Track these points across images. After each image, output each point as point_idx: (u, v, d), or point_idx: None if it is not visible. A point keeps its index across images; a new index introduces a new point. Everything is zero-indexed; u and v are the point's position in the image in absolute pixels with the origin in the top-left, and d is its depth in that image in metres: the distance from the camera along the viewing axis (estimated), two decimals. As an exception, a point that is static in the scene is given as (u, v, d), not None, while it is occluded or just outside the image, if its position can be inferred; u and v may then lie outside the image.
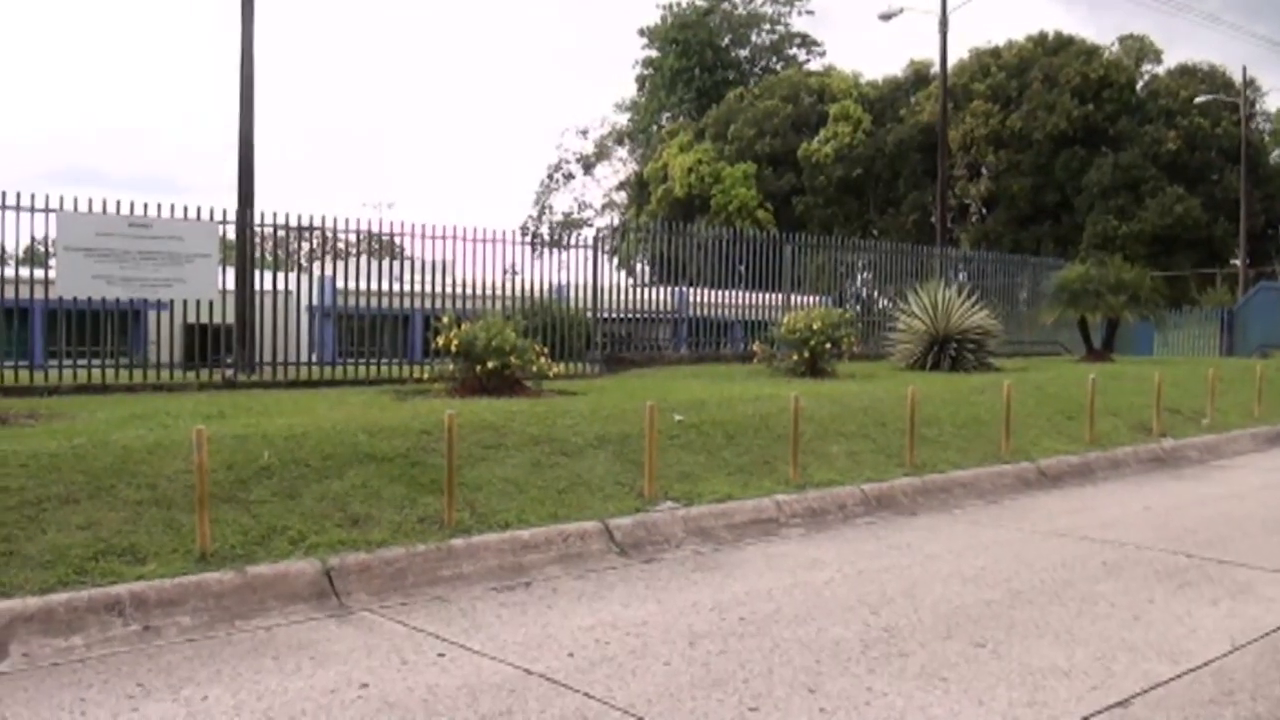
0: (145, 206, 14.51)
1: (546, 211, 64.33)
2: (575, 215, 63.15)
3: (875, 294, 25.75)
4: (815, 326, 16.27)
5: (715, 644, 5.55)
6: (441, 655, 5.38)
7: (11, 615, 5.49)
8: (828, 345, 16.31)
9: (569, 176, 64.22)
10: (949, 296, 19.09)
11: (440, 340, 12.70)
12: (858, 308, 23.93)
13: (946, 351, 18.37)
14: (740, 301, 21.79)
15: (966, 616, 6.07)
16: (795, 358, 16.43)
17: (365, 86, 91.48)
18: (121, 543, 6.36)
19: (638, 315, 20.66)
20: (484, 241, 17.50)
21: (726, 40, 58.43)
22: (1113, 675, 5.11)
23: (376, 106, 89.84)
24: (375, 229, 17.45)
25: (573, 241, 19.77)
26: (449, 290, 17.18)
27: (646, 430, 8.55)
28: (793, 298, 21.45)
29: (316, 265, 18.70)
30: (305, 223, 16.29)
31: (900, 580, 6.92)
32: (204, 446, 6.45)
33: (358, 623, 5.94)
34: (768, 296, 21.73)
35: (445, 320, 12.85)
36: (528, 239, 20.02)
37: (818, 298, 21.91)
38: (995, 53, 47.16)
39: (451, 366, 12.95)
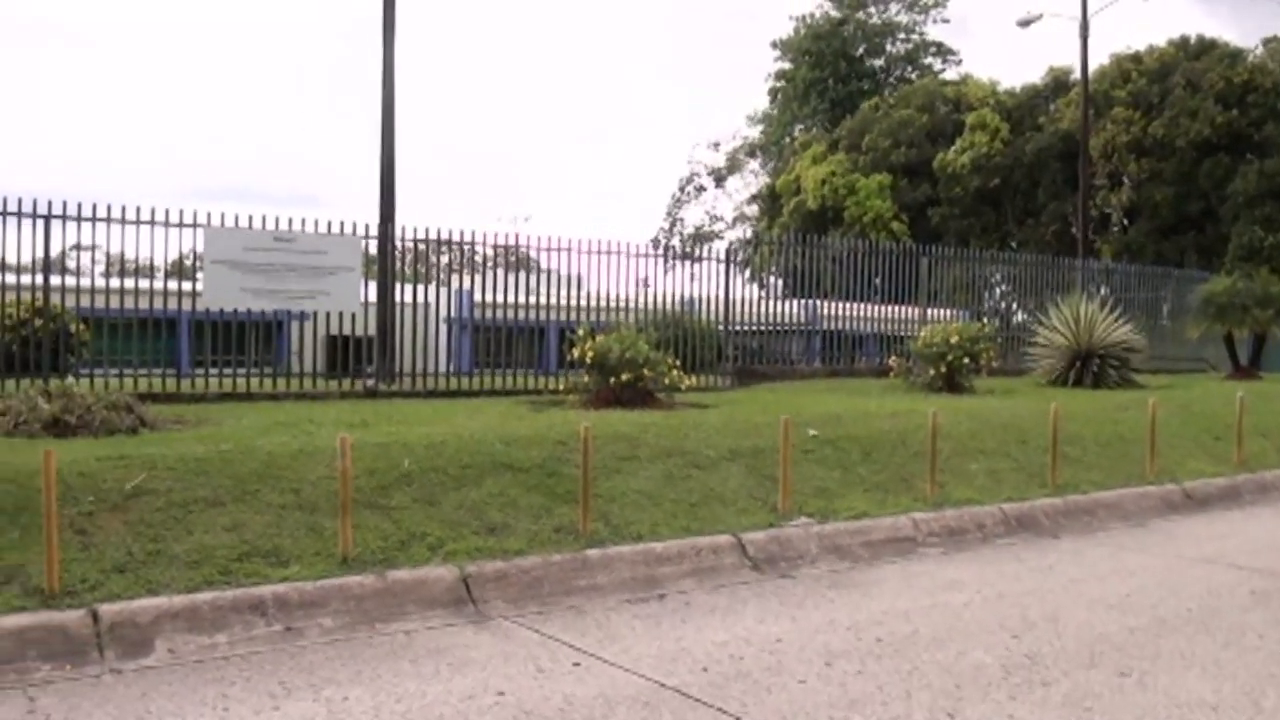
0: (290, 221, 14.92)
1: (678, 224, 64.39)
2: (706, 228, 63.08)
3: (1014, 307, 25.19)
4: (953, 340, 15.99)
5: (852, 664, 5.47)
6: (577, 665, 5.41)
7: (158, 612, 5.69)
8: (966, 360, 16.02)
9: (700, 189, 64.19)
10: (1091, 310, 18.59)
11: (575, 352, 12.80)
12: (996, 322, 23.45)
13: (1089, 367, 17.88)
14: (875, 314, 21.51)
15: (1110, 644, 5.89)
16: (932, 372, 16.16)
17: (501, 101, 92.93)
18: (266, 545, 6.54)
19: (769, 328, 20.55)
20: (616, 254, 17.58)
21: (860, 50, 57.81)
22: (1261, 712, 4.90)
23: (511, 121, 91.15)
24: (510, 242, 17.67)
25: (704, 254, 19.74)
26: (582, 303, 17.31)
27: (781, 444, 8.49)
28: (929, 311, 21.12)
29: (454, 278, 19.00)
30: (443, 236, 16.57)
31: (1042, 604, 6.74)
32: (348, 453, 6.60)
33: (494, 630, 6.00)
34: (903, 310, 21.41)
35: (580, 332, 12.95)
36: (659, 252, 20.05)
37: (954, 311, 21.53)
38: (1136, 58, 45.81)
39: (586, 378, 13.03)
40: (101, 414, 9.43)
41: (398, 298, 16.19)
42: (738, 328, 19.22)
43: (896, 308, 21.50)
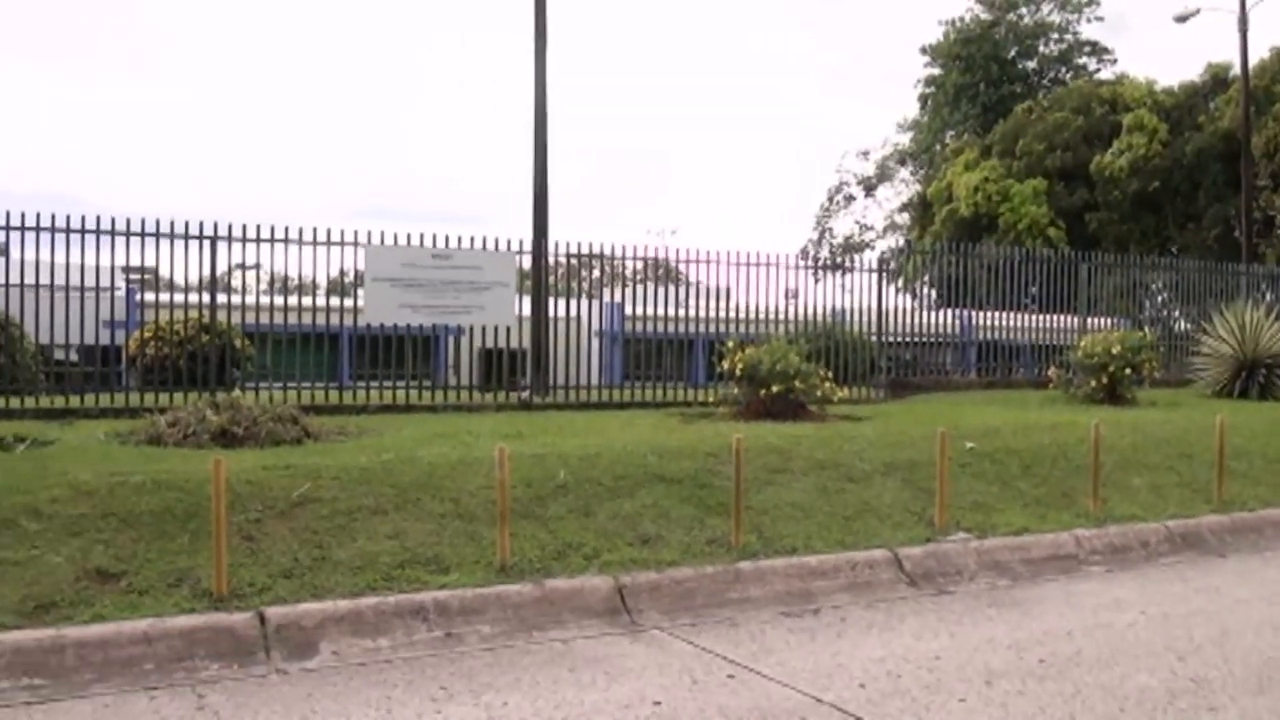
0: (446, 239, 15.28)
1: (827, 234, 63.78)
2: (856, 238, 62.38)
3: (1175, 315, 24.31)
4: (1114, 350, 15.50)
5: (1013, 684, 5.34)
6: (731, 677, 5.40)
7: (323, 616, 5.88)
8: (1127, 370, 15.52)
9: (850, 199, 63.44)
10: (1256, 318, 17.84)
11: (725, 364, 12.80)
12: (1157, 330, 22.68)
13: (1255, 378, 17.17)
14: (1031, 324, 21.01)
15: (1281, 669, 5.64)
16: (1093, 383, 15.69)
17: (647, 113, 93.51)
18: (426, 552, 6.70)
19: (922, 339, 20.23)
20: (763, 266, 17.52)
21: (1012, 53, 56.50)
22: None
23: (659, 133, 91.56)
24: (658, 256, 17.77)
25: (855, 264, 19.55)
26: (730, 315, 17.30)
27: (937, 457, 8.35)
28: (1088, 320, 20.53)
29: (604, 292, 19.19)
30: (594, 251, 16.75)
31: (1209, 626, 6.49)
32: (506, 464, 6.71)
33: (649, 640, 6.03)
34: (1061, 319, 20.87)
35: (730, 344, 12.95)
36: (808, 262, 19.91)
37: (1114, 320, 20.89)
38: (1298, 51, 43.81)
39: (736, 390, 13.01)
40: (267, 425, 9.76)
41: (550, 311, 16.42)
42: (890, 339, 18.97)
43: (1054, 317, 20.96)
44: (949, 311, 21.09)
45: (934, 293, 24.46)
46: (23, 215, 13.64)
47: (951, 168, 50.10)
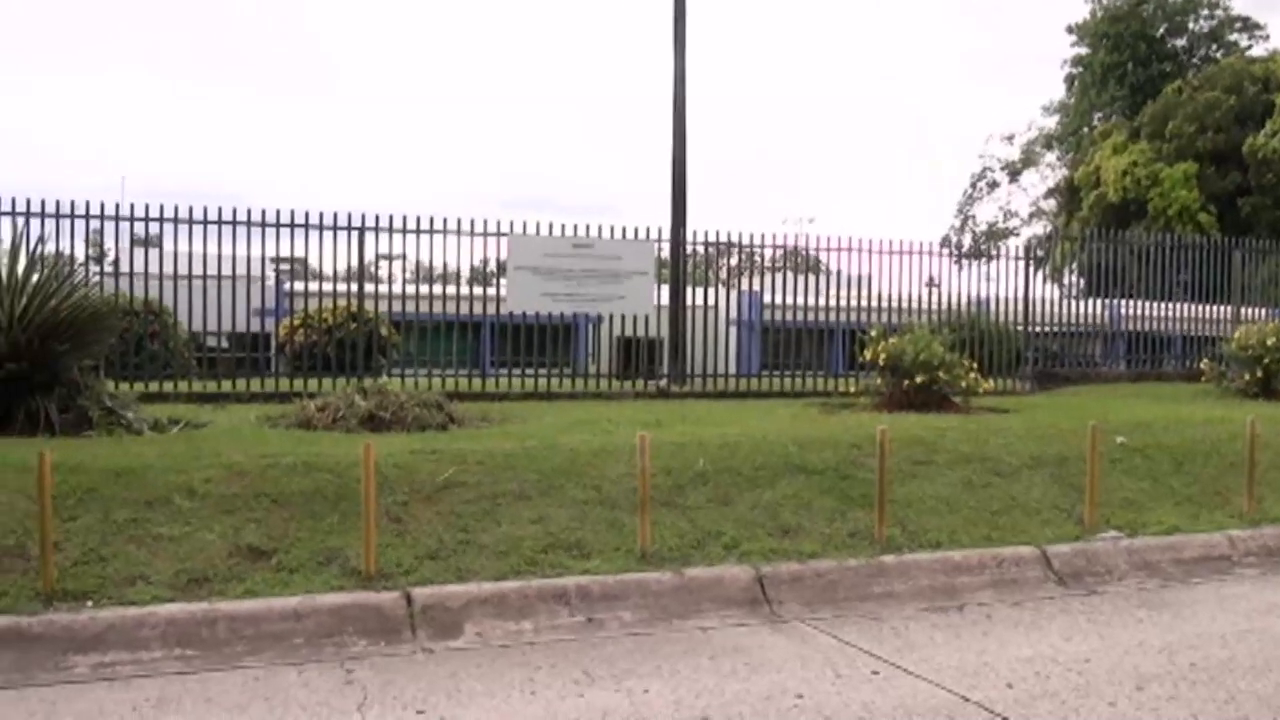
0: (587, 228, 15.42)
1: (969, 222, 62.45)
2: (1000, 225, 60.96)
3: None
4: (1269, 342, 14.84)
5: (1164, 689, 5.16)
6: (875, 673, 5.32)
7: (468, 598, 5.98)
8: (1286, 363, 14.86)
9: (993, 185, 61.91)
10: None
11: (867, 354, 12.63)
12: (1318, 322, 21.67)
13: None
14: (1183, 314, 20.28)
15: None
16: (1247, 377, 15.07)
17: (784, 99, 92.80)
18: (568, 538, 6.75)
19: (1070, 329, 19.67)
20: (904, 254, 17.24)
21: (1161, 30, 54.47)
22: None
23: (795, 119, 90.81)
24: (796, 244, 17.64)
25: (999, 252, 19.12)
26: (869, 304, 17.09)
27: (1087, 452, 8.10)
28: (1242, 310, 19.75)
29: (741, 280, 19.12)
30: (732, 240, 16.69)
31: (1373, 634, 6.18)
32: (647, 452, 6.72)
33: (790, 632, 5.98)
34: (1213, 309, 20.10)
35: (872, 333, 12.78)
36: (950, 250, 19.54)
37: (1270, 310, 20.05)
38: None
39: (878, 380, 12.84)
40: (414, 411, 9.95)
41: (687, 300, 16.42)
42: (1036, 329, 18.51)
43: (1206, 306, 20.20)
44: (1097, 301, 20.47)
45: (1081, 281, 23.78)
46: (176, 208, 14.16)
47: (1099, 151, 48.60)
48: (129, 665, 5.32)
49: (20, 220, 12.86)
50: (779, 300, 17.21)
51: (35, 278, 9.87)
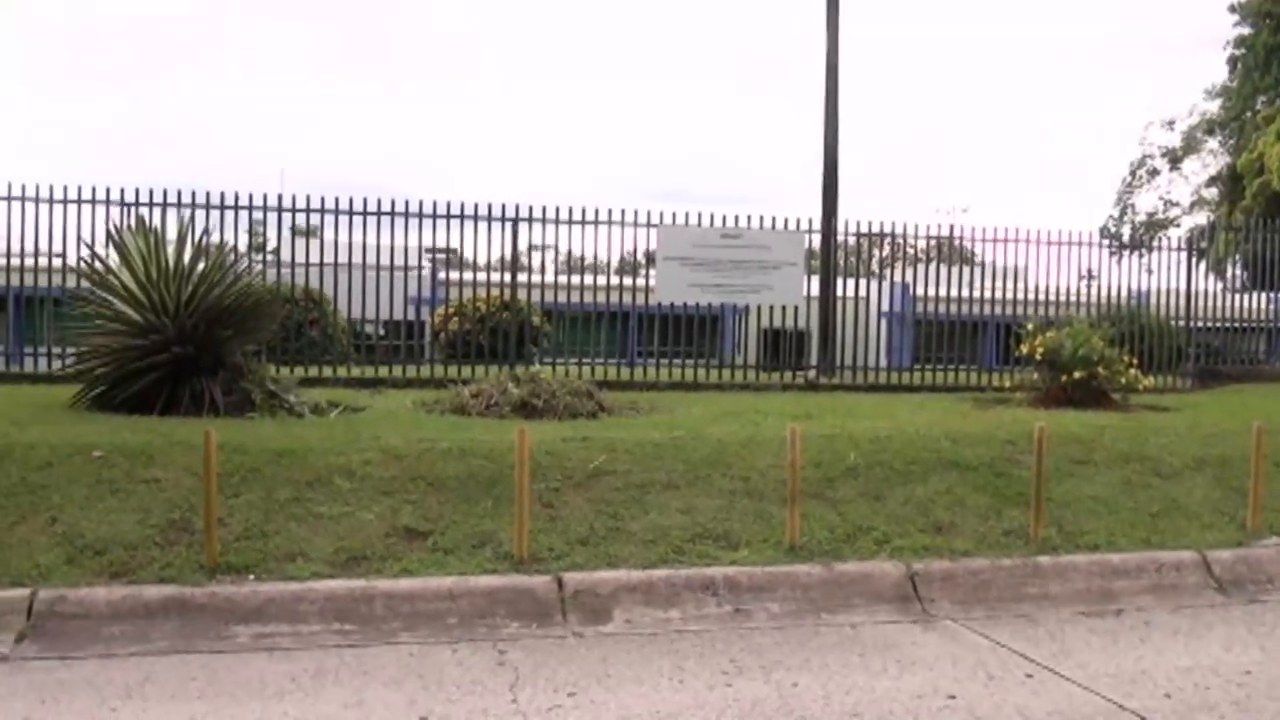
0: (736, 219, 15.38)
1: (1128, 211, 60.31)
2: (1159, 215, 58.76)
3: None
4: None
5: (1332, 707, 4.93)
6: (1030, 677, 5.20)
7: (617, 584, 6.04)
8: None
9: (1154, 173, 59.67)
10: None
11: (1023, 348, 12.35)
12: None
13: None
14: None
15: None
16: None
17: (935, 86, 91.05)
18: (716, 528, 6.76)
19: (1232, 324, 18.88)
20: (1059, 244, 16.75)
21: (1329, 6, 51.75)
22: None
23: (947, 107, 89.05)
24: (949, 234, 17.31)
25: (1158, 243, 18.46)
26: (1024, 296, 16.68)
27: (1252, 454, 7.77)
28: None
29: (890, 271, 18.86)
30: (884, 229, 16.47)
31: None
32: (797, 444, 6.68)
33: (941, 631, 5.88)
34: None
35: (1029, 327, 12.49)
36: (1107, 241, 18.94)
37: None
38: None
39: (1034, 375, 12.54)
40: (565, 399, 10.07)
41: (838, 291, 16.27)
42: (1198, 324, 17.83)
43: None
44: (1262, 295, 19.61)
45: (1245, 274, 22.81)
46: (336, 200, 14.59)
47: (1263, 137, 46.43)
48: (288, 637, 5.51)
49: (185, 212, 13.41)
50: (931, 292, 16.94)
51: (200, 266, 10.28)
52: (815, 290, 16.14)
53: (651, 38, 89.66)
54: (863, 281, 16.80)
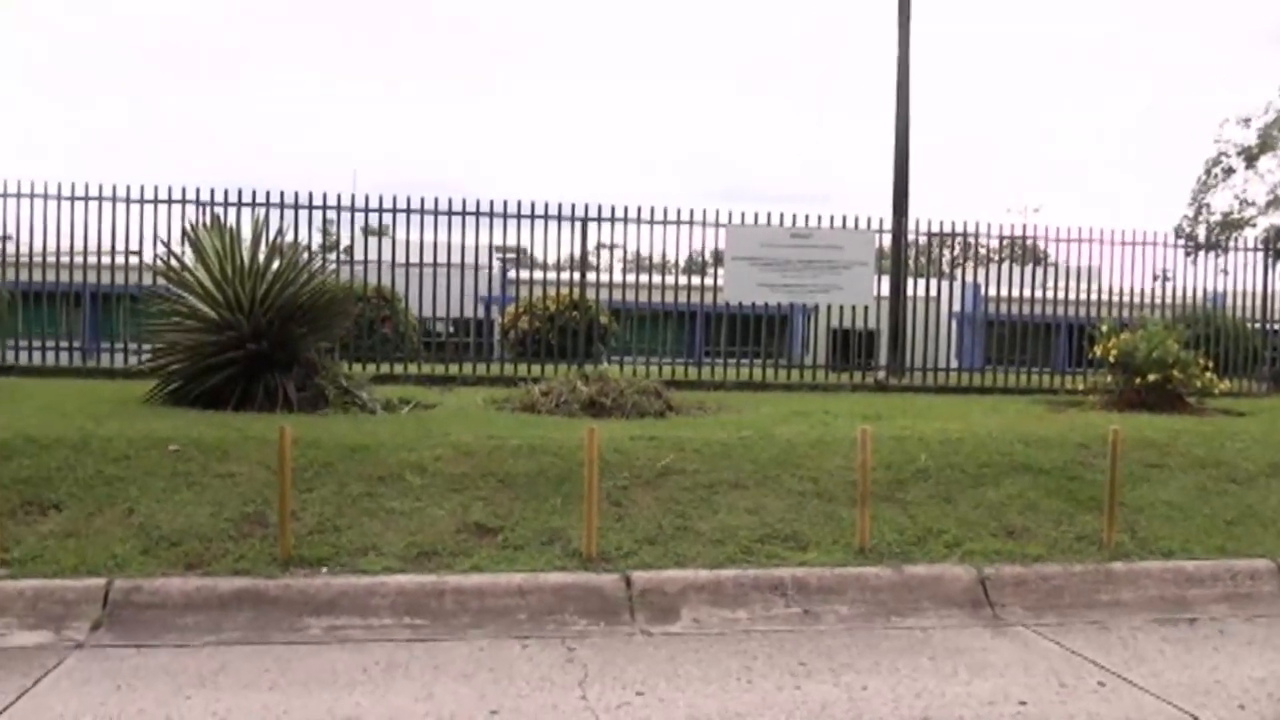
0: (806, 219, 15.34)
1: (1203, 211, 59.12)
2: (1235, 215, 57.54)
3: None
4: None
5: None
6: (1101, 685, 5.12)
7: (685, 583, 6.03)
8: None
9: (1229, 171, 58.46)
10: None
11: (1097, 350, 12.19)
12: None
13: None
14: None
15: None
16: None
17: (1003, 85, 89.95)
18: (785, 529, 6.74)
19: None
20: (1133, 244, 16.52)
21: None
22: None
23: (1018, 104, 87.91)
24: (1023, 234, 17.13)
25: (1234, 243, 18.11)
26: (1096, 297, 16.46)
27: (1333, 461, 7.61)
28: None
29: (960, 272, 18.68)
30: (955, 229, 16.32)
31: None
32: (868, 445, 6.64)
33: (1013, 637, 5.81)
34: None
35: (1103, 329, 12.33)
36: (1181, 241, 18.62)
37: None
38: None
39: (1107, 378, 12.36)
40: (633, 398, 10.11)
41: (908, 291, 16.17)
42: (1275, 326, 17.47)
43: None
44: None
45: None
46: (408, 199, 14.77)
47: (1340, 134, 45.33)
48: (360, 630, 5.57)
49: (260, 211, 13.62)
50: (1002, 292, 16.77)
51: (275, 265, 10.42)
52: (885, 290, 16.05)
53: (718, 36, 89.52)
54: (933, 281, 16.68)
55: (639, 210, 15.15)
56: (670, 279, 16.41)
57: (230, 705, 4.59)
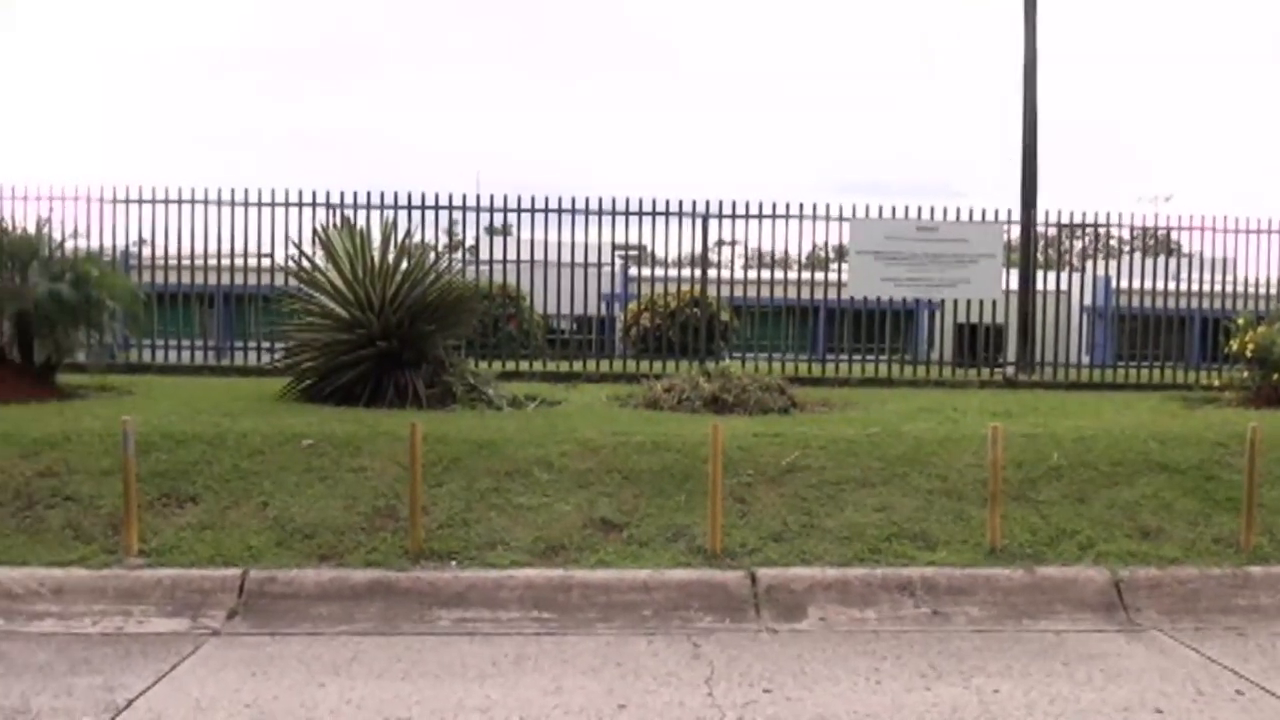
0: (931, 211, 15.12)
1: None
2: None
3: None
4: None
5: None
6: (1240, 693, 4.96)
7: (811, 581, 6.00)
8: None
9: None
10: None
11: (1233, 344, 11.79)
12: None
13: None
14: None
15: None
16: None
17: (1134, 70, 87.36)
18: (913, 528, 6.65)
19: None
20: (1269, 233, 15.92)
21: None
22: None
23: (1148, 90, 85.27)
24: (1154, 224, 16.64)
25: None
26: (1230, 289, 15.94)
27: None
28: None
29: (1088, 264, 18.25)
30: (1085, 220, 15.93)
31: None
32: (999, 442, 6.51)
33: (1148, 642, 5.66)
34: None
35: (1239, 322, 11.93)
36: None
37: None
38: None
39: (1244, 374, 11.96)
40: (755, 394, 10.09)
41: (1037, 285, 15.84)
42: None
43: None
44: None
45: None
46: (531, 199, 14.95)
47: None
48: (488, 623, 5.67)
49: (388, 213, 13.92)
50: (1134, 285, 16.33)
51: (404, 265, 10.63)
52: (1013, 284, 15.74)
53: (836, 29, 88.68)
54: (1062, 274, 16.31)
55: (759, 206, 15.12)
56: (791, 274, 16.30)
57: (364, 694, 4.70)
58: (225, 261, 15.01)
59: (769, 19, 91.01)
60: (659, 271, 17.11)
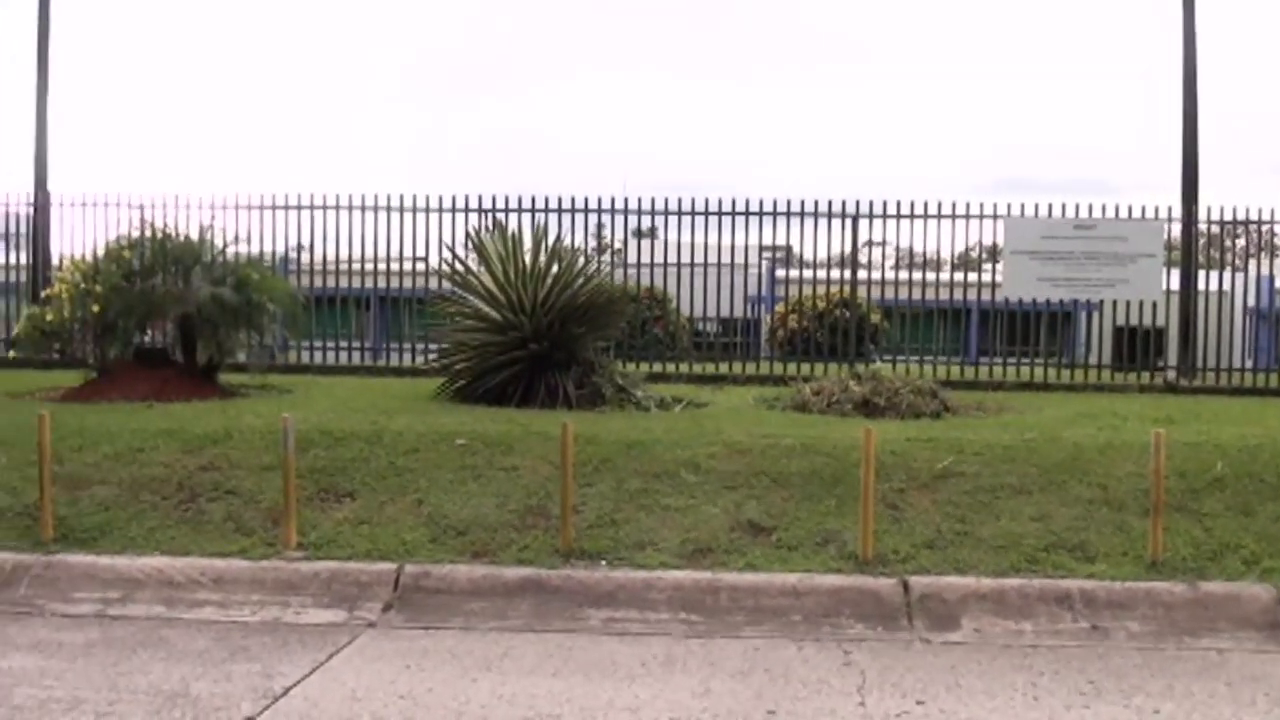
0: (1090, 208, 14.66)
1: None
2: None
3: None
4: None
5: None
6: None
7: (966, 591, 5.88)
8: None
9: None
10: None
11: None
12: None
13: None
14: None
15: None
16: None
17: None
18: (1072, 538, 6.47)
19: None
20: None
21: None
22: None
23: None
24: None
25: None
26: None
27: None
28: None
29: (1250, 263, 17.55)
30: (1250, 217, 15.25)
31: None
32: (1162, 451, 6.29)
33: (1316, 663, 5.40)
34: None
35: None
36: None
37: None
38: None
39: None
40: (907, 398, 9.94)
41: (1199, 285, 15.26)
42: None
43: None
44: None
45: None
46: (678, 201, 15.01)
47: None
48: (637, 623, 5.70)
49: (538, 216, 14.11)
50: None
51: (554, 268, 10.76)
52: (1173, 284, 15.18)
53: (983, 21, 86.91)
54: (1225, 274, 15.68)
55: (910, 205, 14.87)
56: (944, 275, 16.02)
57: (515, 690, 4.77)
58: (381, 265, 15.39)
59: (914, 13, 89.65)
60: (805, 273, 16.97)
